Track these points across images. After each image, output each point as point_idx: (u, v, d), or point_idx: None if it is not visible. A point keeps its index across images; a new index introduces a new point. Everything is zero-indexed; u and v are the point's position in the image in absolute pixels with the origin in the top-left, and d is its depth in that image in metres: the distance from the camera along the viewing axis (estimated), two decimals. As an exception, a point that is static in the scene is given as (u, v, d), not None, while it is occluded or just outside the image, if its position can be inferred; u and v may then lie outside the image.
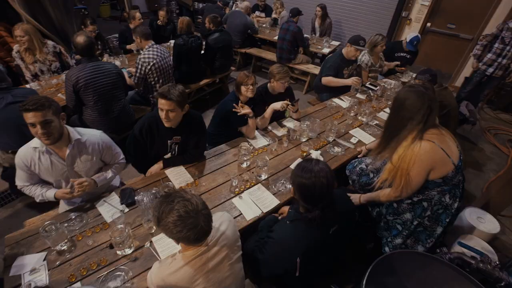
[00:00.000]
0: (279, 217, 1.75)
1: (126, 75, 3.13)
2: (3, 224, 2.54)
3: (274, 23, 5.79)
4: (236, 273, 1.31)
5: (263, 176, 2.07)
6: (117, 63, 3.60)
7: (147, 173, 2.10)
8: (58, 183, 1.78)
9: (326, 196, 1.30)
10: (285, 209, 1.78)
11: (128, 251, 1.56)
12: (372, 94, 3.35)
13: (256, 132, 2.48)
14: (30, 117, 1.49)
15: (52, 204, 2.08)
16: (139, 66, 3.04)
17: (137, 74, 3.06)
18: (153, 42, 3.16)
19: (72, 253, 1.55)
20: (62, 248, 1.56)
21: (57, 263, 1.51)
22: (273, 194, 1.94)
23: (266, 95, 2.63)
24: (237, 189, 1.96)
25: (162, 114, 1.82)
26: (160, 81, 3.18)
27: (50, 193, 1.74)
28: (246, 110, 2.28)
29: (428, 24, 5.18)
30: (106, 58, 3.74)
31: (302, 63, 4.88)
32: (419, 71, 3.11)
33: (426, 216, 1.67)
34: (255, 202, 1.87)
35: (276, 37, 4.90)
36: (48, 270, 1.47)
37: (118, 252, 1.55)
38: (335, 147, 2.43)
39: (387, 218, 1.81)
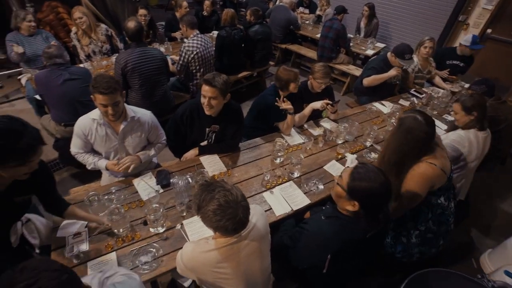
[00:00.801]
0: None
1: (170, 62, 3.25)
2: (64, 183, 2.79)
3: (318, 20, 5.66)
4: (265, 268, 1.32)
5: (296, 174, 2.05)
6: (162, 49, 3.73)
7: (182, 158, 2.16)
8: (107, 154, 1.91)
9: (387, 202, 1.28)
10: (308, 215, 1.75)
11: (160, 229, 1.62)
12: (416, 101, 3.17)
13: (292, 130, 2.45)
14: (102, 99, 1.61)
15: (94, 176, 2.23)
16: (183, 54, 3.13)
17: (180, 62, 3.15)
18: (198, 32, 3.24)
19: (108, 226, 1.65)
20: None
21: (96, 231, 1.61)
22: (304, 193, 1.92)
23: (305, 92, 2.59)
24: (268, 184, 1.96)
25: (204, 101, 1.86)
26: (201, 70, 3.25)
27: (101, 163, 1.88)
28: (287, 105, 2.26)
29: (489, 31, 4.75)
30: (154, 44, 3.90)
31: (343, 63, 4.72)
32: (474, 81, 2.87)
33: (430, 219, 1.67)
34: (286, 199, 1.86)
35: (318, 35, 4.79)
36: (88, 237, 1.58)
37: (151, 230, 1.62)
38: (372, 152, 2.33)
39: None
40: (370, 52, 4.73)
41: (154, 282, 1.85)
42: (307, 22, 5.58)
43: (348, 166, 1.86)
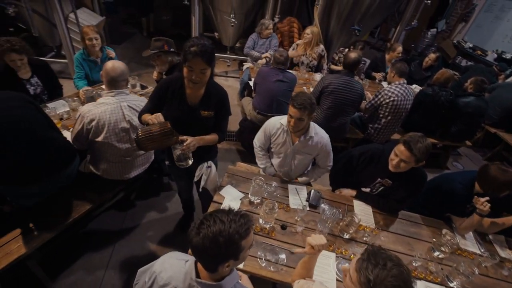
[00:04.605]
0: None
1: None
2: (228, 153, 3.47)
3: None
4: None
5: (455, 285, 1.64)
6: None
7: (336, 190, 2.16)
8: (278, 156, 2.16)
9: None
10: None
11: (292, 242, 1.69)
12: None
13: (470, 233, 1.98)
14: (292, 111, 1.84)
15: (254, 162, 2.53)
16: (379, 96, 3.09)
17: (372, 102, 3.14)
18: (404, 81, 3.11)
19: (257, 209, 1.86)
20: (254, 201, 1.90)
21: (245, 208, 1.86)
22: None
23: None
24: (415, 272, 1.66)
25: (394, 161, 1.77)
26: (388, 118, 3.12)
27: (270, 170, 2.20)
28: (484, 207, 1.82)
29: None
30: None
31: None
32: None
33: None
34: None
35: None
36: (239, 209, 1.84)
37: (284, 236, 1.71)
38: None
39: None
40: None
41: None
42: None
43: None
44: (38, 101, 2.56)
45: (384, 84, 4.20)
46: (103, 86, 2.91)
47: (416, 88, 3.98)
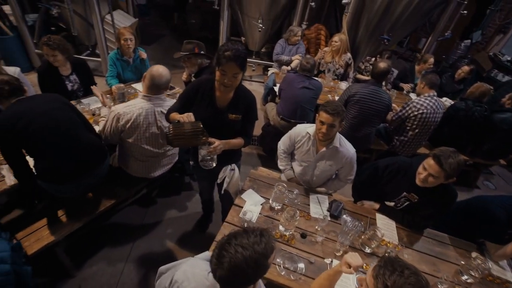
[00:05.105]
0: None
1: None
2: (249, 157, 3.49)
3: None
4: None
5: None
6: (385, 94, 3.75)
7: (358, 202, 2.11)
8: (299, 162, 2.14)
9: None
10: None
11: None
12: None
13: (504, 261, 1.86)
14: (325, 117, 1.79)
15: (275, 168, 2.52)
16: (407, 108, 3.00)
17: (400, 114, 3.05)
18: (435, 93, 3.00)
19: (277, 215, 1.85)
20: (275, 206, 1.89)
21: (265, 214, 1.85)
22: None
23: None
24: (440, 294, 1.58)
25: (422, 176, 1.70)
26: (416, 131, 3.01)
27: (288, 173, 2.21)
28: None
29: None
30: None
31: None
32: None
33: None
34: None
35: None
36: (259, 214, 1.84)
37: (303, 245, 1.69)
38: None
39: None
40: None
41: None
42: None
43: None
44: (74, 97, 2.71)
45: (412, 95, 4.07)
46: (133, 85, 3.05)
47: (446, 101, 3.82)
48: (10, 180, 1.83)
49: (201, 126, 1.47)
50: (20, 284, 1.67)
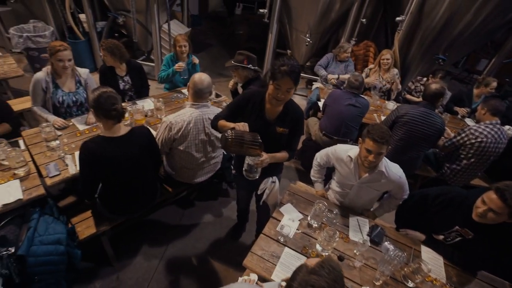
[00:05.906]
0: None
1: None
2: (287, 170, 3.44)
3: None
4: None
5: None
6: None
7: (401, 230, 1.98)
8: (341, 184, 2.05)
9: None
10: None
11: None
12: None
13: None
14: (371, 145, 1.67)
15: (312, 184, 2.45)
16: (463, 135, 2.77)
17: (454, 140, 2.83)
18: (498, 121, 2.74)
19: (315, 233, 1.80)
20: (312, 224, 1.85)
21: (302, 230, 1.82)
22: None
23: None
24: None
25: (480, 210, 1.55)
26: (471, 160, 2.77)
27: (318, 186, 2.22)
28: None
29: None
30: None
31: None
32: None
33: None
34: None
35: None
36: (296, 229, 1.81)
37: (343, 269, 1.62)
38: None
39: None
40: None
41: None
42: None
43: None
44: (125, 96, 2.94)
45: (468, 121, 3.77)
46: (183, 90, 3.23)
47: (510, 129, 3.47)
48: (72, 169, 2.03)
49: (259, 138, 1.50)
50: (70, 265, 1.83)
